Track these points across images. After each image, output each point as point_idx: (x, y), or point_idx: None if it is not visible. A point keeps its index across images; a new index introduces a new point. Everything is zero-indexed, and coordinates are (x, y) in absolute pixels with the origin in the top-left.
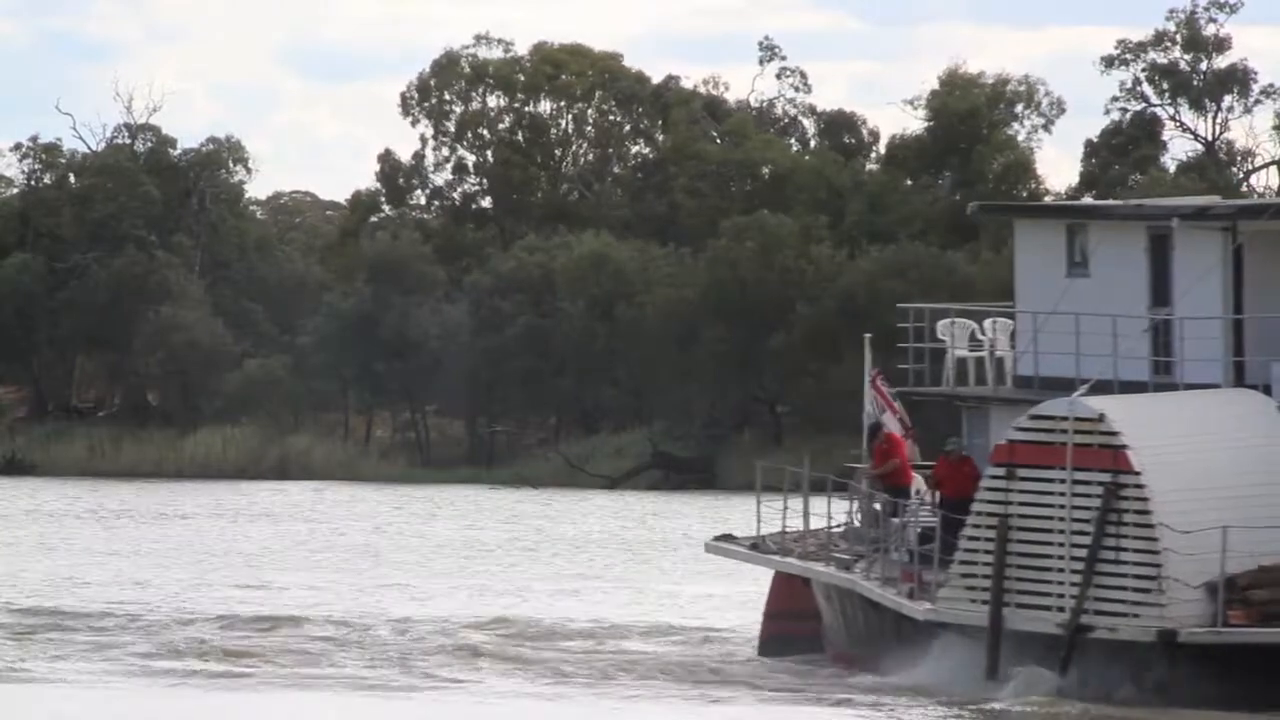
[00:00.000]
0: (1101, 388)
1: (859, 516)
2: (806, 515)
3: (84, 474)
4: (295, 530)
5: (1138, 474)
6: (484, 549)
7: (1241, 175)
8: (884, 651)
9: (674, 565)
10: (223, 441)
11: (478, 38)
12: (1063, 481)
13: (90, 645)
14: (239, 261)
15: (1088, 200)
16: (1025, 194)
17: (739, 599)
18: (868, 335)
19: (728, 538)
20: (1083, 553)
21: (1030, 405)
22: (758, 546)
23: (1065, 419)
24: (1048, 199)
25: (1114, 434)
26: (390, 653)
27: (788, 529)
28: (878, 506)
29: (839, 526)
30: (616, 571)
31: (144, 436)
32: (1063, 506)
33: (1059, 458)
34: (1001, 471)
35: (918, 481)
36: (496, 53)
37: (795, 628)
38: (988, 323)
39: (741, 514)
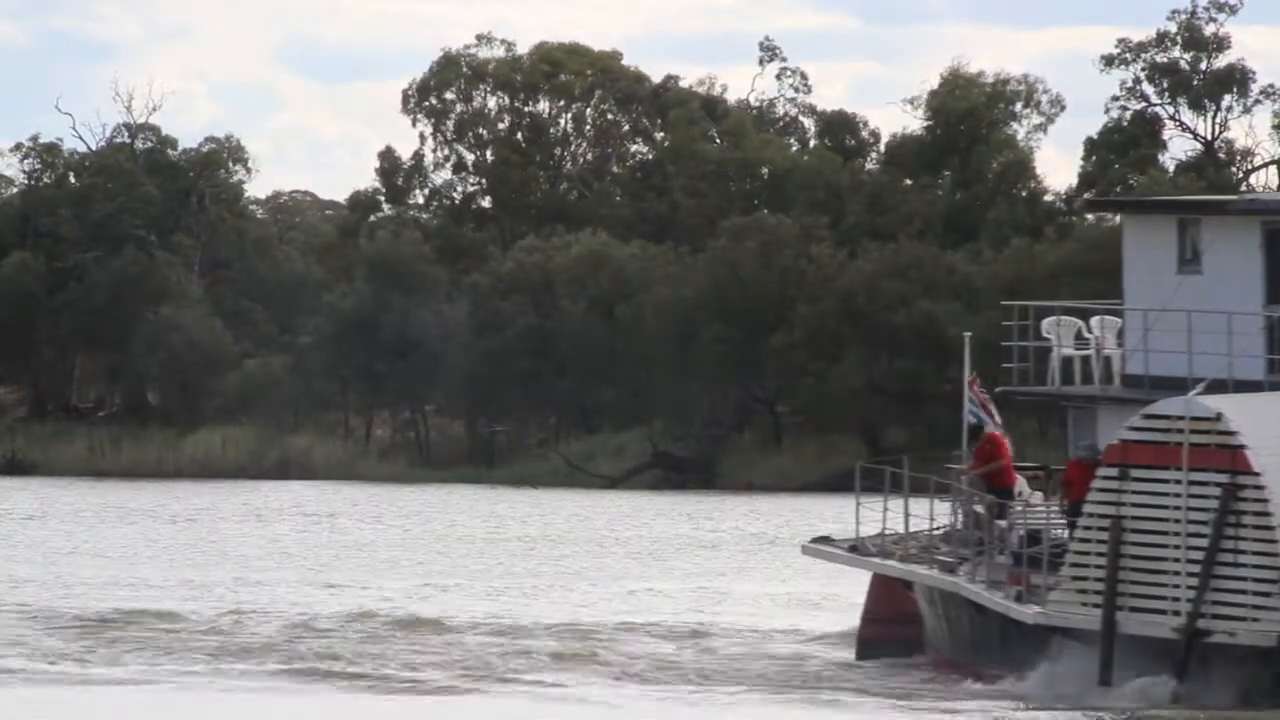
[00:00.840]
0: (1216, 386)
1: (960, 518)
2: (907, 517)
3: (84, 474)
4: (364, 528)
5: (1257, 474)
6: (549, 548)
7: (1241, 175)
8: (989, 656)
9: (752, 565)
10: (223, 441)
11: (479, 38)
12: (1178, 482)
13: (195, 649)
14: (239, 261)
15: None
16: (1025, 194)
17: (826, 600)
18: (968, 334)
19: (825, 540)
20: (1200, 555)
21: (1140, 405)
22: (857, 549)
23: (1181, 418)
24: (1047, 198)
25: (1232, 434)
26: (478, 657)
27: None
28: (979, 508)
29: (939, 528)
30: (690, 571)
31: (144, 436)
32: (1178, 508)
33: (1174, 458)
34: (1114, 472)
35: (1020, 483)
36: (497, 52)
37: (894, 631)
38: (1094, 320)
39: (782, 512)
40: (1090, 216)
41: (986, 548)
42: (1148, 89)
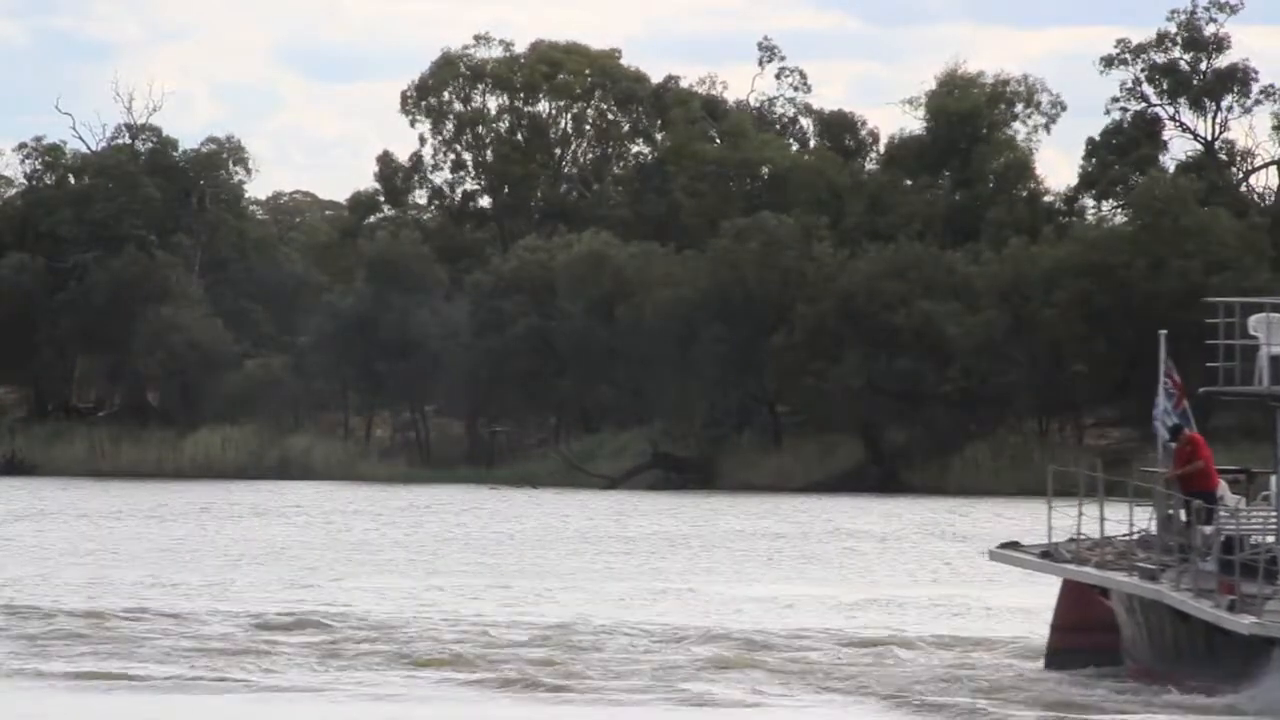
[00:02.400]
0: None
1: (1157, 523)
2: (1102, 522)
3: (84, 474)
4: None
5: None
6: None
7: (1241, 175)
8: (1194, 667)
9: (918, 568)
10: (222, 441)
11: (477, 38)
12: None
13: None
14: (239, 261)
15: None
16: (1025, 194)
17: (997, 605)
18: (1163, 332)
19: (1014, 545)
20: None
21: None
22: (1050, 555)
23: None
24: (1047, 199)
25: None
26: (633, 665)
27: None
28: (1179, 512)
29: (1134, 534)
30: (853, 574)
31: (144, 436)
32: None
33: None
34: None
35: (1221, 487)
36: (496, 52)
37: (1086, 640)
38: None
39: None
40: (1090, 217)
41: (1191, 554)
42: (1148, 89)
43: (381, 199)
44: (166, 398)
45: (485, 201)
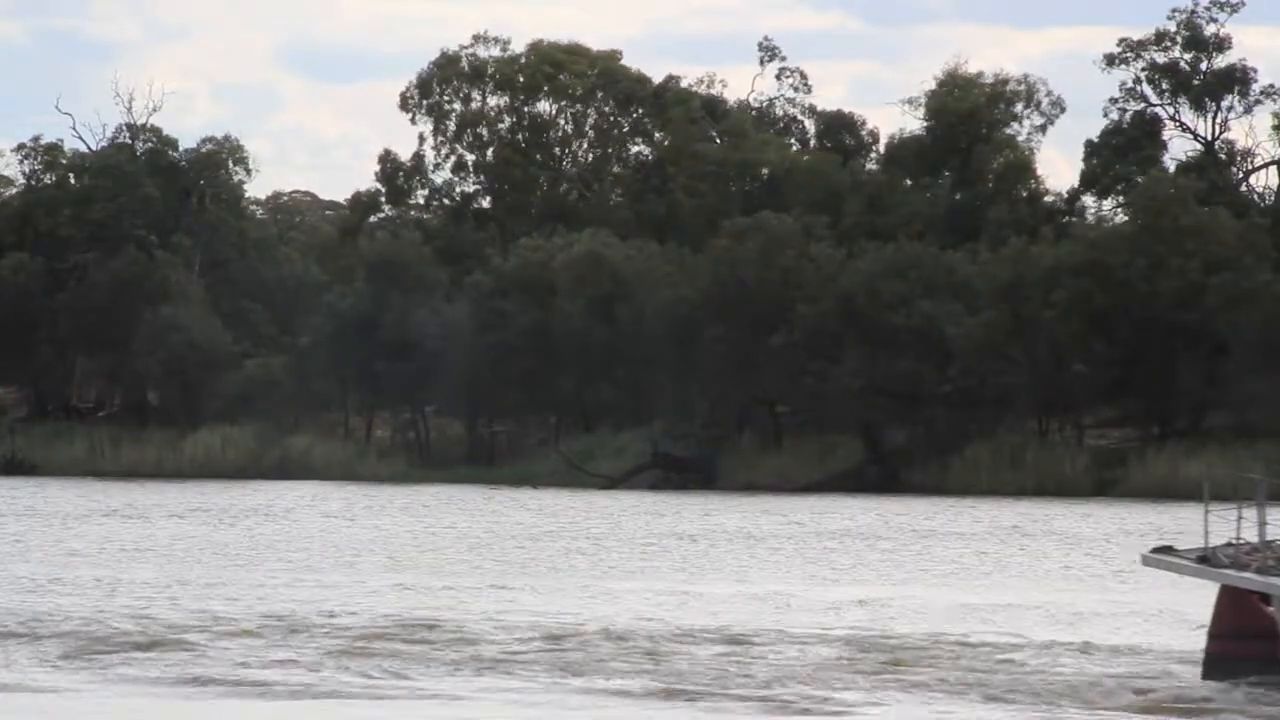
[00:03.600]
0: None
1: None
2: (1262, 527)
3: (84, 474)
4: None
5: None
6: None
7: (1241, 175)
8: None
9: (1060, 571)
10: (222, 441)
11: (476, 37)
12: None
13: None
14: (239, 261)
15: None
16: (1025, 194)
17: (1123, 609)
18: None
19: (1168, 549)
20: None
21: None
22: (1207, 559)
23: None
24: (1047, 199)
25: None
26: (772, 670)
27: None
28: None
29: None
30: (990, 574)
31: (144, 436)
32: None
33: None
34: None
35: None
36: (494, 52)
37: (1246, 649)
38: None
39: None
40: (1090, 216)
41: None
42: (1148, 90)
43: (383, 199)
44: (166, 398)
45: (485, 202)
